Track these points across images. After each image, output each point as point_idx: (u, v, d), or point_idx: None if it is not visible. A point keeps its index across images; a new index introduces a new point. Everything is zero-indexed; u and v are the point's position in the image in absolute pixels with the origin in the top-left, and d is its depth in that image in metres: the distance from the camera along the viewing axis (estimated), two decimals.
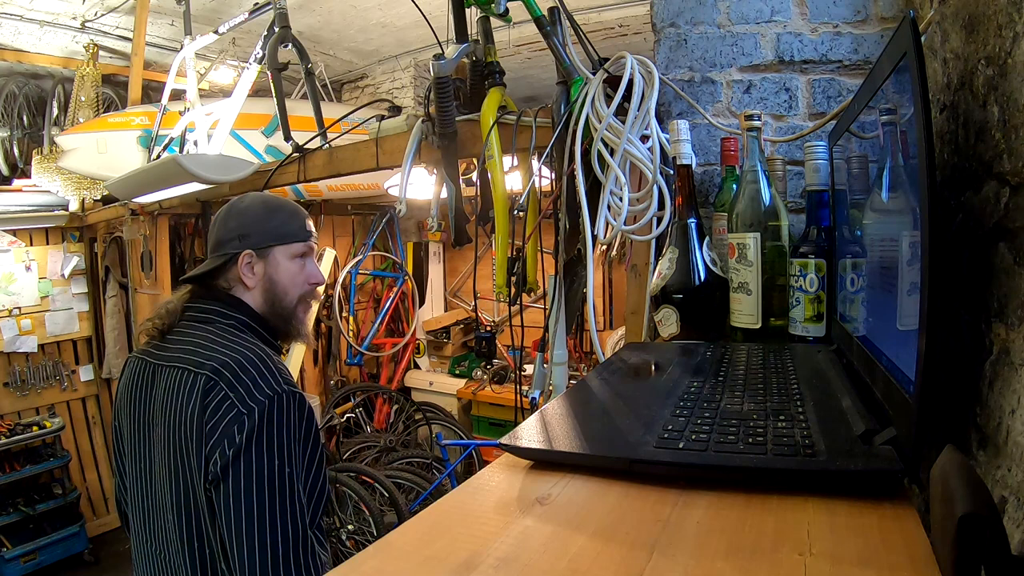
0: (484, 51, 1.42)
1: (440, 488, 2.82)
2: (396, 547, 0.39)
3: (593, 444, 0.51)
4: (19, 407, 3.52)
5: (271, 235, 1.06)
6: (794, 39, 1.09)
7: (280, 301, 1.07)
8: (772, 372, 0.67)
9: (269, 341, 1.06)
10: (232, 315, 1.02)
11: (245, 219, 1.06)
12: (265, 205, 1.08)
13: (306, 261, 1.10)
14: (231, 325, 1.01)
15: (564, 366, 1.31)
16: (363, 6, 3.46)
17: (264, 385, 0.88)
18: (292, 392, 0.90)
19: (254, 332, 1.03)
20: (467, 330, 4.43)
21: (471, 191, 1.50)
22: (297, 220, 1.10)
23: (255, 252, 1.04)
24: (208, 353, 0.92)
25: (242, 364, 0.90)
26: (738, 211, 0.90)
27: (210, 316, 1.01)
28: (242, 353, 0.92)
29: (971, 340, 0.56)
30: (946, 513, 0.32)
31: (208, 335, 0.97)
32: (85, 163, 3.22)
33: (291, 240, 1.08)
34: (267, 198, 1.11)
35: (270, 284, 1.05)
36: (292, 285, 1.08)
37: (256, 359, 0.91)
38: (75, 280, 3.73)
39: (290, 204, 1.12)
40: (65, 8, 3.21)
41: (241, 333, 1.00)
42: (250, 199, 1.10)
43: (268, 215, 1.07)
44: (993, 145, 0.53)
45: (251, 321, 1.03)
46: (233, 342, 0.95)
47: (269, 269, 1.06)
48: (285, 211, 1.09)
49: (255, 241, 1.05)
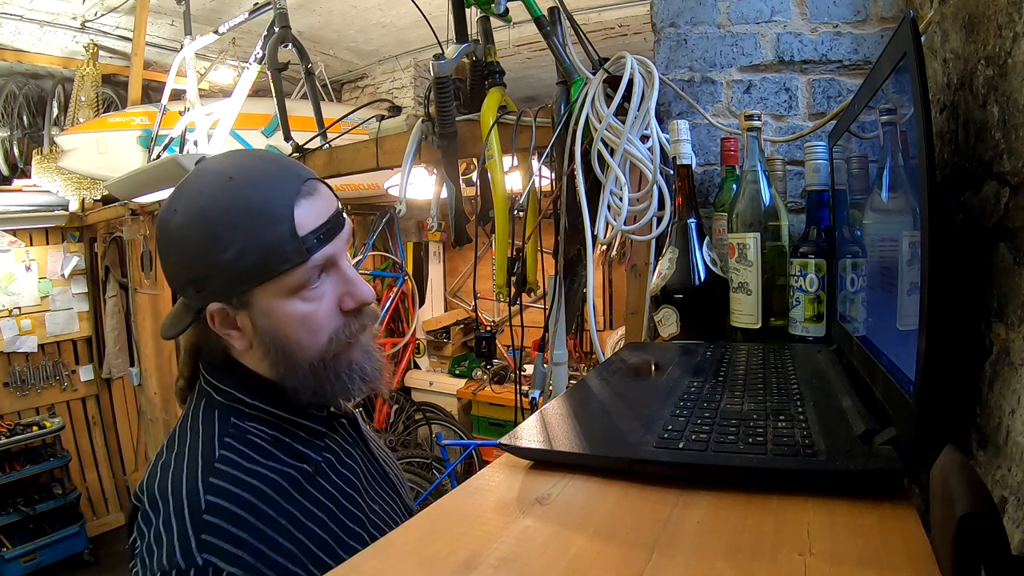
0: (484, 51, 1.42)
1: (440, 488, 2.82)
2: (396, 547, 0.39)
3: (593, 444, 0.51)
4: (19, 407, 3.53)
5: (235, 274, 0.60)
6: (794, 39, 1.09)
7: (292, 359, 0.64)
8: (772, 372, 0.67)
9: (290, 419, 0.66)
10: (224, 390, 0.65)
11: (184, 253, 0.61)
12: (205, 220, 0.60)
13: (325, 280, 0.64)
14: (218, 407, 0.64)
15: (564, 366, 1.31)
16: (363, 6, 3.46)
17: (166, 544, 0.53)
18: (203, 569, 0.52)
19: (259, 412, 0.64)
20: (467, 330, 4.43)
21: (471, 191, 1.50)
22: (274, 224, 0.59)
23: (226, 305, 0.62)
24: (159, 453, 0.62)
25: (162, 493, 0.56)
26: (738, 211, 0.90)
27: (205, 389, 0.66)
28: (176, 471, 0.58)
29: (971, 340, 0.56)
30: (946, 513, 0.32)
31: (182, 422, 0.64)
32: (85, 163, 3.22)
33: (275, 271, 0.60)
34: (207, 199, 0.61)
35: (270, 341, 0.63)
36: (311, 332, 0.64)
37: (185, 487, 0.56)
38: (75, 280, 3.74)
39: (254, 187, 0.61)
40: (65, 8, 3.21)
41: (226, 421, 0.62)
42: (183, 208, 0.62)
43: (214, 240, 0.59)
44: (993, 145, 0.53)
45: (252, 399, 0.64)
46: (191, 442, 0.61)
47: (259, 322, 0.63)
48: (244, 217, 0.59)
49: (216, 289, 0.61)
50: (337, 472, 0.68)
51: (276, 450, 0.63)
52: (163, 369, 3.30)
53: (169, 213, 0.62)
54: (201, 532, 0.53)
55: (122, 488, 3.95)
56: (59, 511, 3.36)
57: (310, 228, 0.62)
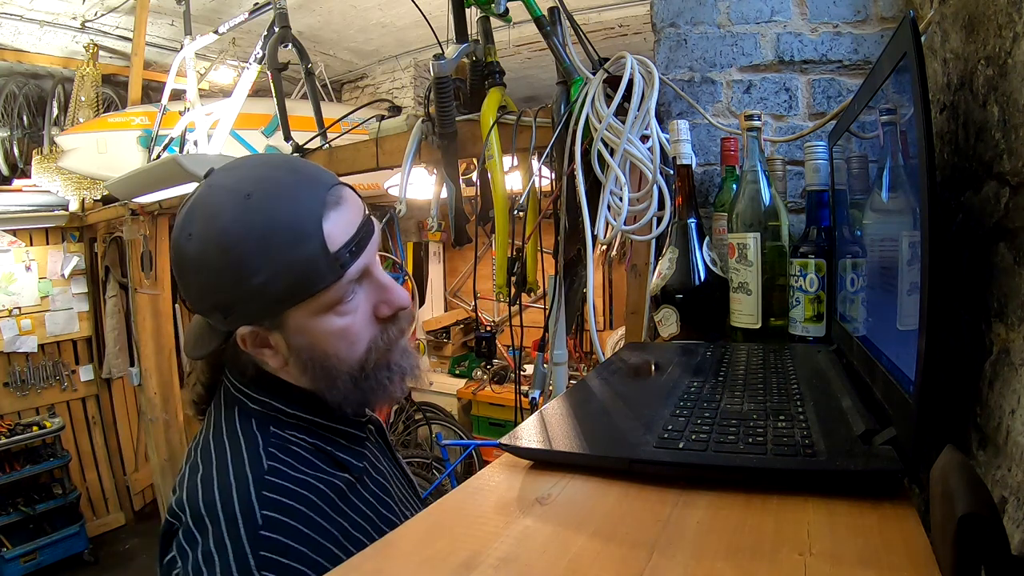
0: (484, 51, 1.42)
1: (440, 488, 2.82)
2: (396, 547, 0.39)
3: (593, 444, 0.51)
4: (19, 407, 3.53)
5: (266, 298, 0.57)
6: (794, 39, 1.09)
7: (332, 373, 0.62)
8: (772, 372, 0.67)
9: (330, 427, 0.64)
10: (260, 400, 0.62)
11: (206, 280, 0.58)
12: (226, 245, 0.56)
13: (359, 291, 0.62)
14: (254, 415, 0.61)
15: (564, 366, 1.31)
16: (363, 6, 3.47)
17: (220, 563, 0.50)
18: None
19: (299, 420, 0.62)
20: (467, 330, 4.43)
21: (471, 191, 1.50)
22: (304, 243, 0.56)
23: (257, 327, 0.60)
24: (192, 466, 0.58)
25: (209, 509, 0.53)
26: (738, 211, 0.90)
27: (236, 397, 0.63)
28: (224, 484, 0.54)
29: (971, 340, 0.56)
30: (946, 513, 0.32)
31: (215, 431, 0.61)
32: (85, 163, 3.23)
33: (310, 291, 0.58)
34: (226, 222, 0.56)
35: (307, 358, 0.61)
36: (349, 344, 0.62)
37: (238, 502, 0.53)
38: (75, 280, 3.74)
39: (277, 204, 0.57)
40: (65, 8, 3.21)
41: (265, 429, 0.60)
42: (200, 232, 0.57)
43: (239, 265, 0.56)
44: (993, 145, 0.53)
45: (292, 407, 0.62)
46: (232, 453, 0.57)
47: (294, 341, 0.61)
48: (270, 239, 0.56)
49: (245, 313, 0.59)
50: (373, 479, 0.67)
51: (318, 460, 0.61)
52: (163, 369, 3.29)
53: (184, 238, 0.58)
54: (260, 549, 0.51)
55: (122, 488, 3.95)
56: (59, 511, 3.36)
57: (342, 242, 0.58)
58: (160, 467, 3.27)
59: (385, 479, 0.69)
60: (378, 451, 0.73)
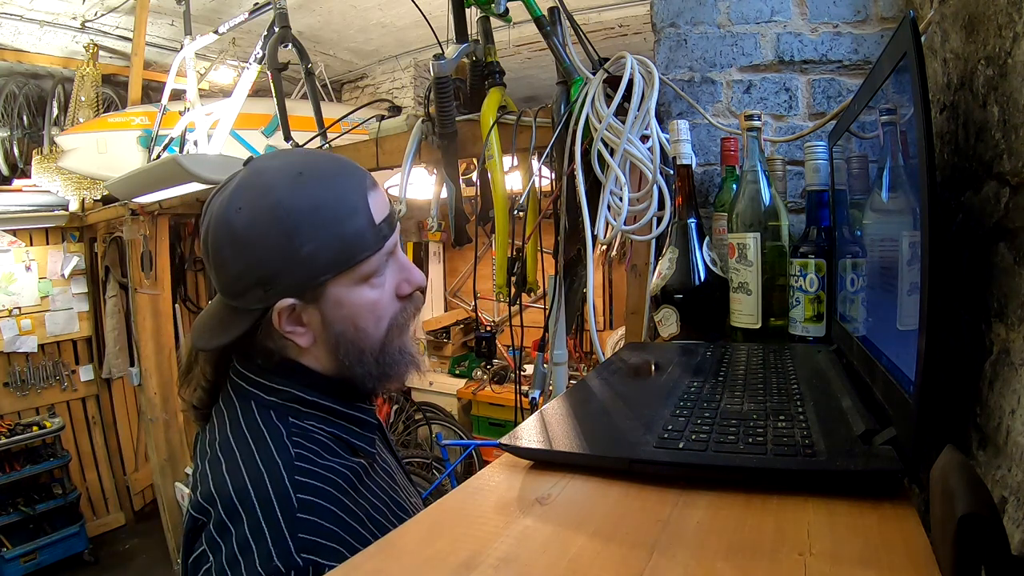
0: (484, 51, 1.42)
1: (440, 488, 2.82)
2: (396, 547, 0.39)
3: (593, 444, 0.51)
4: (19, 407, 3.53)
5: (314, 267, 0.61)
6: (794, 39, 1.09)
7: (360, 347, 0.66)
8: (772, 372, 0.67)
9: (346, 414, 0.67)
10: (278, 389, 0.64)
11: (254, 251, 0.61)
12: (281, 216, 0.60)
13: (387, 268, 0.67)
14: (271, 407, 0.62)
15: (564, 366, 1.31)
16: (363, 6, 3.47)
17: (258, 550, 0.50)
18: (304, 569, 0.50)
19: (316, 409, 0.64)
20: (467, 330, 4.43)
21: (471, 191, 1.50)
22: (354, 215, 0.62)
23: (297, 300, 0.62)
24: (212, 461, 0.59)
25: (241, 498, 0.54)
26: (738, 211, 0.90)
27: (250, 391, 0.64)
28: (253, 473, 0.55)
29: (971, 340, 0.56)
30: (946, 513, 0.32)
31: (232, 426, 0.62)
32: (85, 163, 3.23)
33: (355, 259, 0.63)
34: (280, 195, 0.61)
35: (338, 332, 0.65)
36: (376, 319, 0.66)
37: (271, 487, 0.54)
38: (75, 280, 3.74)
39: (329, 182, 0.63)
40: (65, 8, 3.21)
41: (285, 420, 0.62)
42: (251, 206, 0.61)
43: (293, 235, 0.60)
44: (993, 145, 0.53)
45: (311, 395, 0.64)
46: (256, 443, 0.59)
47: (329, 313, 0.64)
48: (324, 211, 0.61)
49: (289, 284, 0.61)
50: (383, 468, 0.70)
51: (337, 447, 0.63)
52: (163, 369, 3.29)
53: (232, 212, 0.61)
54: (298, 532, 0.52)
55: (122, 488, 3.95)
56: (59, 511, 3.36)
57: (383, 216, 0.65)
58: (160, 467, 3.27)
59: (391, 469, 0.73)
60: (382, 443, 0.75)
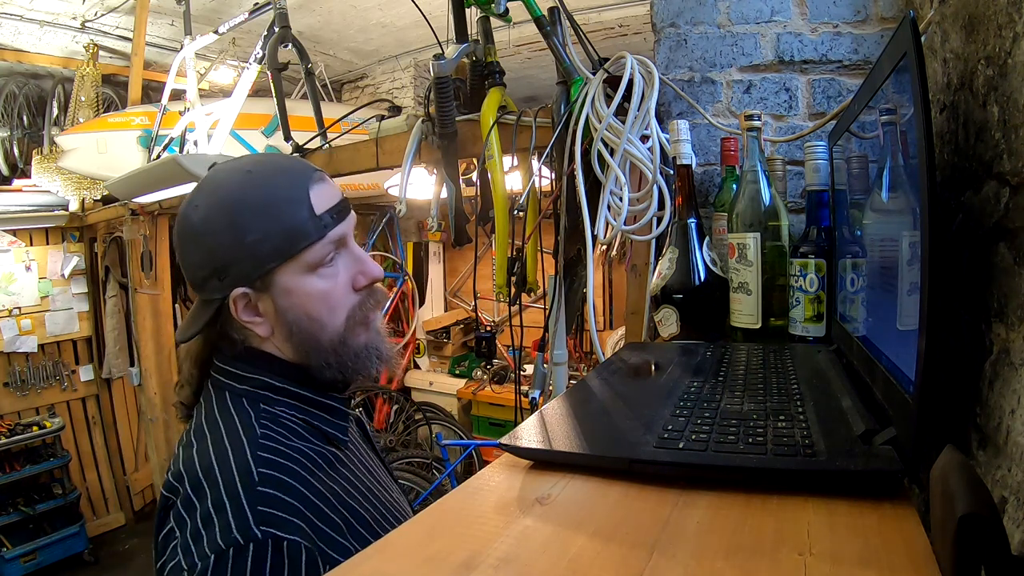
0: (484, 51, 1.42)
1: (440, 488, 2.82)
2: (396, 547, 0.39)
3: (593, 444, 0.51)
4: (19, 407, 3.52)
5: (259, 256, 0.64)
6: (794, 39, 1.09)
7: (316, 337, 0.68)
8: (772, 372, 0.67)
9: (317, 402, 0.69)
10: (248, 377, 0.67)
11: (207, 243, 0.65)
12: (228, 209, 0.65)
13: (338, 259, 0.69)
14: (243, 395, 0.65)
15: (564, 366, 1.31)
16: (363, 6, 3.47)
17: (219, 523, 0.52)
18: (263, 542, 0.51)
19: (287, 396, 0.67)
20: (467, 330, 4.43)
21: (471, 191, 1.50)
22: (294, 206, 0.65)
23: (249, 289, 0.66)
24: (185, 445, 0.62)
25: (207, 474, 0.56)
26: (738, 211, 0.90)
27: (224, 382, 0.67)
28: (220, 451, 0.58)
29: (971, 340, 0.56)
30: (946, 513, 0.32)
31: (206, 413, 0.65)
32: (85, 163, 3.22)
33: (296, 248, 0.65)
34: (229, 191, 0.66)
35: (291, 321, 0.67)
36: (329, 309, 0.68)
37: (234, 463, 0.56)
38: (75, 280, 3.74)
39: (272, 178, 0.67)
40: (65, 8, 3.21)
41: (256, 406, 0.64)
42: (205, 202, 0.66)
43: (238, 226, 0.64)
44: (993, 145, 0.53)
45: (281, 382, 0.67)
46: (226, 426, 0.61)
47: (280, 302, 0.66)
48: (266, 203, 0.65)
49: (239, 274, 0.65)
50: (359, 459, 0.71)
51: (308, 433, 0.65)
52: (163, 369, 3.30)
53: (191, 209, 0.67)
54: (257, 504, 0.53)
55: (122, 488, 3.95)
56: (59, 511, 3.35)
57: (325, 207, 0.67)
58: (160, 467, 3.27)
59: (370, 463, 0.74)
60: (360, 438, 0.76)
